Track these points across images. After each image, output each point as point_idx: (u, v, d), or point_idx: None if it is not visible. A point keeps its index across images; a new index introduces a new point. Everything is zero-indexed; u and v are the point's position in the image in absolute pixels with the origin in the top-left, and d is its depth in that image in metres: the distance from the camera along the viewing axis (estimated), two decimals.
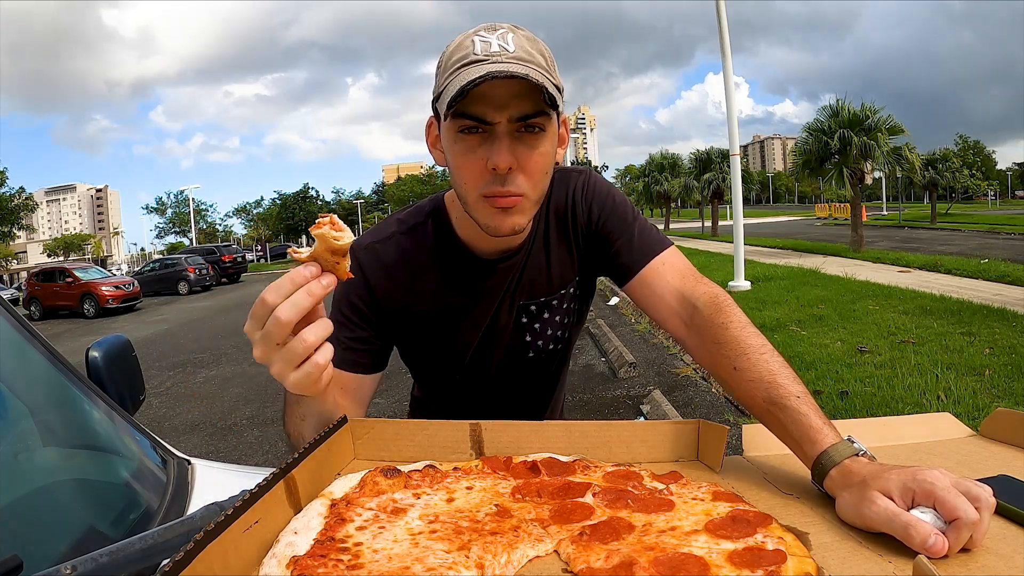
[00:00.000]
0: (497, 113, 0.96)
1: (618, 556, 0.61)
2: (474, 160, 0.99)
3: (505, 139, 0.97)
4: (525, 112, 0.96)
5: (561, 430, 0.91)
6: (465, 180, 1.02)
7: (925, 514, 0.65)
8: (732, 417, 5.27)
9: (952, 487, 0.66)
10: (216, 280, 30.29)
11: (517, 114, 0.96)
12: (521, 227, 1.06)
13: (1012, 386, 5.02)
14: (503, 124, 0.97)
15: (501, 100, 0.95)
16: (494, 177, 0.99)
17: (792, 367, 0.92)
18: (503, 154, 0.97)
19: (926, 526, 0.63)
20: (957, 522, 0.63)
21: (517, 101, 0.96)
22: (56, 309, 22.72)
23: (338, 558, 0.62)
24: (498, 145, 0.97)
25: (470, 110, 0.96)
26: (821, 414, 0.83)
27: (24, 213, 47.60)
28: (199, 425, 6.71)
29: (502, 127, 0.97)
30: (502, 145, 0.97)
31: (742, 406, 1.04)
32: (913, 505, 0.67)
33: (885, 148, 16.84)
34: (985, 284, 10.40)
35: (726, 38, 11.15)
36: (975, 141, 65.87)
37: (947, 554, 0.62)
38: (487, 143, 0.98)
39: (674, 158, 37.50)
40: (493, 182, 0.99)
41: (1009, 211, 54.59)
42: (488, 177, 0.99)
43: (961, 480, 0.66)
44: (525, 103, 0.96)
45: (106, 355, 1.48)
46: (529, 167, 1.00)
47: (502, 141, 0.97)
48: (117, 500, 1.20)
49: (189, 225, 66.31)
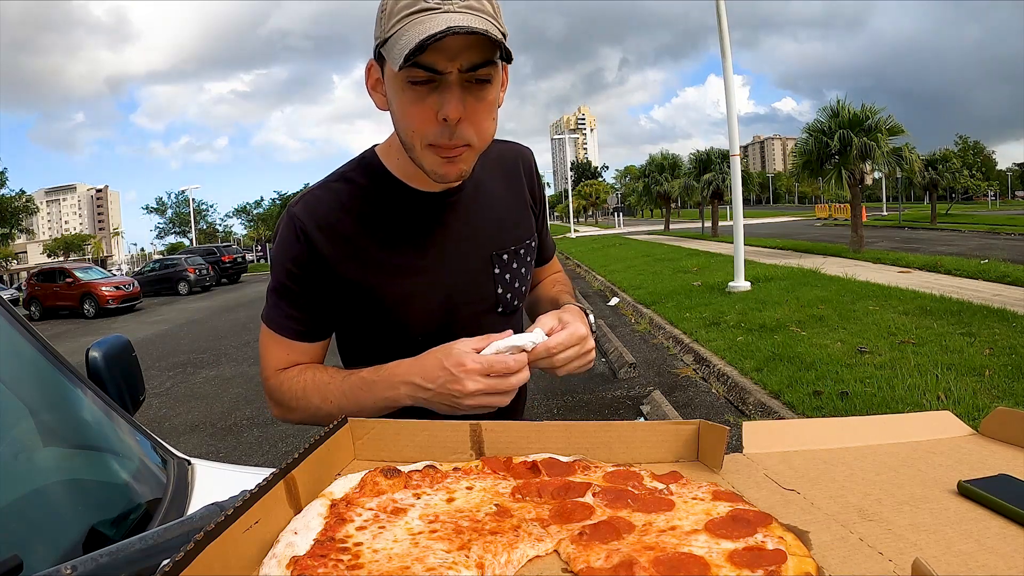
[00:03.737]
0: (449, 63, 0.95)
1: (618, 556, 0.61)
2: (423, 110, 0.99)
3: (456, 89, 0.97)
4: (475, 62, 0.96)
5: (561, 431, 0.91)
6: (413, 128, 1.02)
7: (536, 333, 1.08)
8: (732, 417, 5.27)
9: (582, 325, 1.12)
10: (216, 280, 30.34)
11: (467, 64, 0.96)
12: (467, 173, 1.09)
13: (1012, 386, 5.02)
14: (454, 74, 0.96)
15: (453, 51, 0.94)
16: (443, 128, 1.00)
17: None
18: (454, 104, 0.97)
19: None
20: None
21: (468, 52, 0.95)
22: (56, 309, 22.76)
23: (338, 558, 0.62)
24: (449, 96, 0.97)
25: (422, 60, 0.94)
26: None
27: (24, 216, 47.59)
28: (199, 425, 6.72)
29: (453, 77, 0.96)
30: (453, 96, 0.97)
31: None
32: None
33: (885, 149, 16.84)
34: (985, 284, 10.39)
35: (726, 38, 11.15)
36: (975, 141, 66.02)
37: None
38: (437, 93, 0.98)
39: (674, 158, 37.51)
40: (442, 134, 1.00)
41: (1009, 211, 54.56)
42: (437, 128, 1.00)
43: None
44: (475, 53, 0.95)
45: (106, 355, 1.48)
46: (477, 117, 1.02)
47: (453, 92, 0.97)
48: (117, 500, 1.20)
49: (189, 225, 66.32)
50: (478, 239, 1.22)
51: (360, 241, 1.15)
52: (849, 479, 0.80)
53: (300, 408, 1.17)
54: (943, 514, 0.69)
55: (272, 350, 1.21)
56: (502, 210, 1.26)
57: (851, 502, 0.73)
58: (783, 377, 5.93)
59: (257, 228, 77.96)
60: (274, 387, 1.20)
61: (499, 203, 1.26)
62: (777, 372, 6.11)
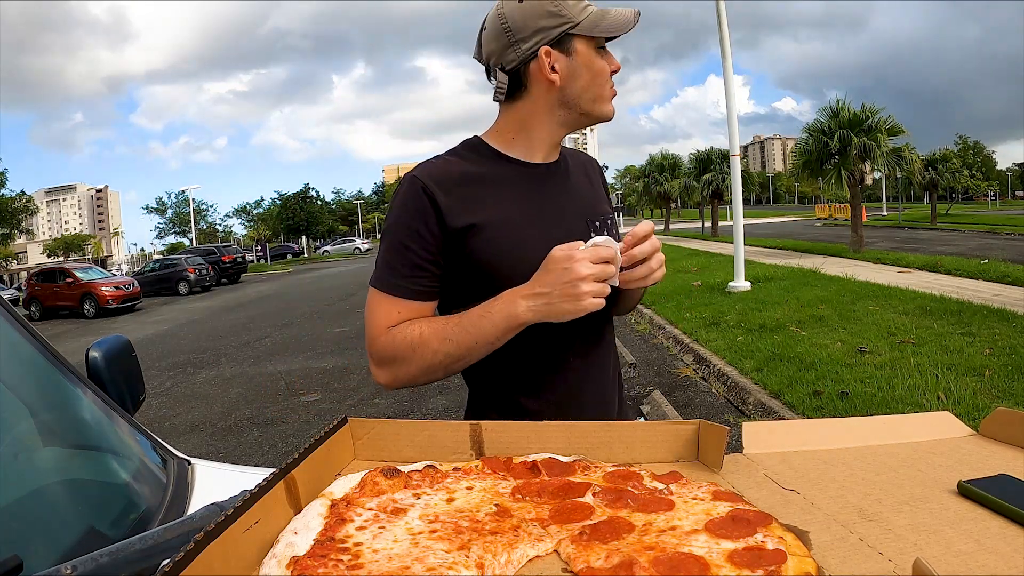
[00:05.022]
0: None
1: (618, 556, 0.61)
2: (607, 68, 1.31)
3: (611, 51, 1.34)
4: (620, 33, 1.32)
5: (561, 430, 0.91)
6: (603, 82, 1.32)
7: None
8: (732, 417, 5.27)
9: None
10: (216, 280, 30.28)
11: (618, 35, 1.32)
12: None
13: (1012, 386, 5.02)
14: None
15: None
16: (611, 79, 1.34)
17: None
18: (616, 61, 1.33)
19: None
20: None
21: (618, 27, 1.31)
22: (56, 309, 22.73)
23: (338, 558, 0.62)
24: (611, 57, 1.33)
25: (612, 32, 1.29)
26: None
27: (25, 216, 47.60)
28: (199, 425, 6.72)
29: None
30: (613, 56, 1.34)
31: None
32: None
33: (885, 149, 16.86)
34: (985, 284, 10.40)
35: (726, 38, 11.15)
36: (975, 141, 66.04)
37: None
38: (608, 55, 1.32)
39: (674, 158, 37.55)
40: (612, 82, 1.34)
41: (1009, 211, 54.58)
42: (610, 79, 1.33)
43: None
44: None
45: (106, 355, 1.48)
46: None
47: (611, 52, 1.34)
48: (117, 500, 1.20)
49: (189, 225, 66.29)
50: (576, 205, 1.38)
51: (476, 194, 1.28)
52: (849, 479, 0.80)
53: (416, 357, 1.22)
54: (943, 514, 0.69)
55: (381, 312, 1.27)
56: (588, 191, 1.45)
57: (851, 502, 0.73)
58: (783, 377, 5.93)
59: (257, 228, 77.94)
60: (386, 344, 1.24)
61: (584, 186, 1.45)
62: (777, 372, 6.11)
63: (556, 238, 1.22)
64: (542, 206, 1.34)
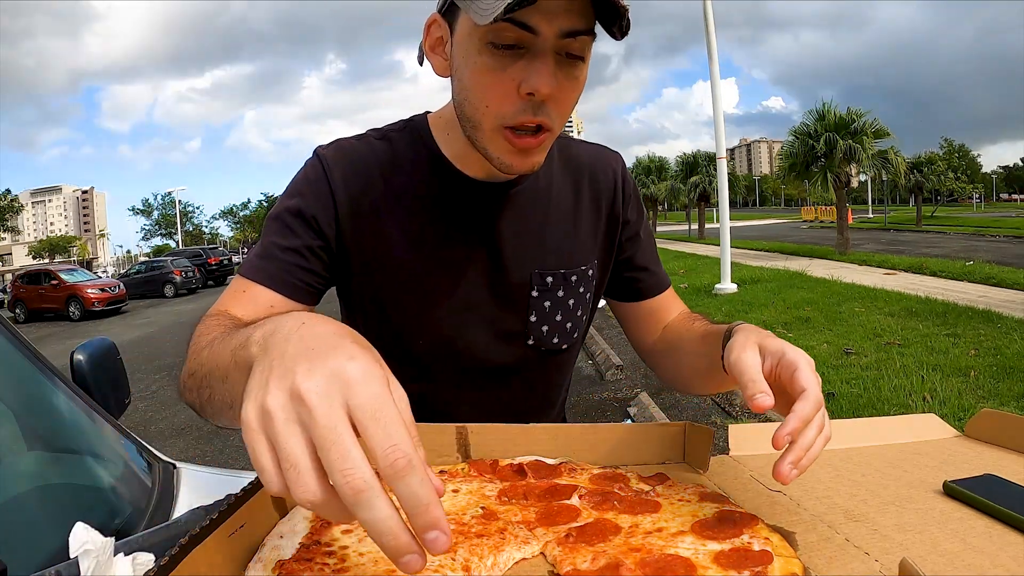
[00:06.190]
0: (548, 25, 0.77)
1: (604, 558, 0.61)
2: (503, 80, 0.81)
3: (550, 59, 0.79)
4: (577, 28, 0.78)
5: (547, 433, 0.91)
6: (487, 103, 0.83)
7: None
8: (719, 419, 5.29)
9: (812, 372, 0.70)
10: (202, 283, 30.08)
11: (568, 28, 0.78)
12: (539, 165, 0.90)
13: (997, 387, 5.07)
14: (550, 40, 0.78)
15: (554, 9, 0.77)
16: (524, 105, 0.82)
17: None
18: (547, 77, 0.79)
19: (764, 385, 0.69)
20: (804, 393, 0.68)
21: (569, 15, 0.78)
22: (41, 312, 22.52)
23: (324, 561, 0.61)
24: (540, 65, 0.79)
25: (517, 16, 0.75)
26: None
27: (10, 215, 47.30)
28: (185, 429, 6.67)
29: (548, 43, 0.79)
30: (545, 66, 0.79)
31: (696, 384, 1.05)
32: None
33: (871, 151, 17.02)
34: (971, 286, 10.49)
35: (712, 40, 11.20)
36: (960, 144, 66.73)
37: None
38: (523, 61, 0.80)
39: (661, 161, 37.76)
40: (522, 112, 0.82)
41: (994, 213, 55.19)
42: (517, 104, 0.82)
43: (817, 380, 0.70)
44: (577, 18, 0.78)
45: (91, 358, 1.47)
46: (565, 98, 0.84)
47: (546, 61, 0.79)
48: (102, 504, 1.19)
49: (175, 227, 65.96)
50: (522, 249, 1.01)
51: (385, 219, 0.97)
52: (835, 480, 0.80)
53: (188, 359, 0.79)
54: (929, 514, 0.70)
55: (227, 297, 0.94)
56: (563, 222, 1.05)
57: (837, 503, 0.74)
58: None
59: (244, 230, 77.68)
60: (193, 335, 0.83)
61: (561, 213, 1.05)
62: None
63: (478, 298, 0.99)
64: (474, 248, 0.99)
